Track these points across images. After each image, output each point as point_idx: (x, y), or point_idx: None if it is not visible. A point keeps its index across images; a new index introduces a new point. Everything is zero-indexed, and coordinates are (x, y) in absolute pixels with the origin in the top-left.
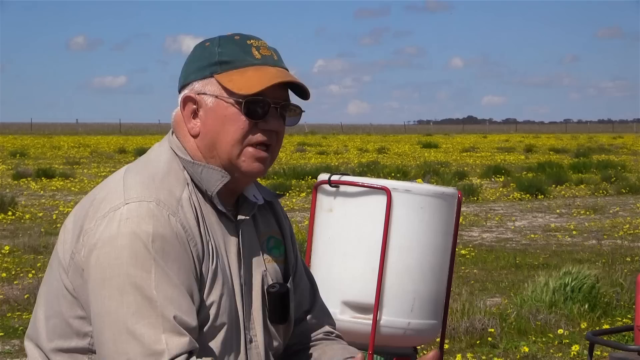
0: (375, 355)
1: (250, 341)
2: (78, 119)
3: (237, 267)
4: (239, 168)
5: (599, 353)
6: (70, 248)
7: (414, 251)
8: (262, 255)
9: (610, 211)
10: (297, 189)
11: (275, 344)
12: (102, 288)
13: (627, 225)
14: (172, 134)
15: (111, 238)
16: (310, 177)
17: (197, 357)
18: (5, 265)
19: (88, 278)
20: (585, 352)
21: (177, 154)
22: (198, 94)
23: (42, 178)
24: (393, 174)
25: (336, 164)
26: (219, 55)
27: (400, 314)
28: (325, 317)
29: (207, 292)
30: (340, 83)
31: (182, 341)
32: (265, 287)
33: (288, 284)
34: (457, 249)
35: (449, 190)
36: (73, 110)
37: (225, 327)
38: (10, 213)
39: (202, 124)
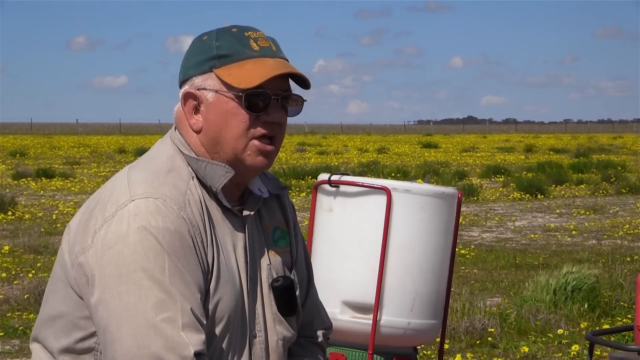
0: (375, 355)
1: (255, 336)
2: (78, 119)
3: (244, 263)
4: (243, 162)
5: (598, 353)
6: (74, 249)
7: (413, 251)
8: (267, 248)
9: (610, 211)
10: (297, 189)
11: (288, 335)
12: (119, 284)
13: (627, 225)
14: (175, 129)
15: (123, 235)
16: (310, 177)
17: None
18: (5, 265)
19: (101, 277)
20: (585, 352)
21: (180, 150)
22: (198, 89)
23: (42, 178)
24: (393, 174)
25: (336, 164)
26: (217, 49)
27: (400, 314)
28: (316, 314)
29: (214, 288)
30: (340, 83)
31: (200, 337)
32: (270, 282)
33: (292, 276)
34: (457, 249)
35: (449, 190)
36: (73, 110)
37: (231, 324)
38: (10, 213)
39: (204, 119)
